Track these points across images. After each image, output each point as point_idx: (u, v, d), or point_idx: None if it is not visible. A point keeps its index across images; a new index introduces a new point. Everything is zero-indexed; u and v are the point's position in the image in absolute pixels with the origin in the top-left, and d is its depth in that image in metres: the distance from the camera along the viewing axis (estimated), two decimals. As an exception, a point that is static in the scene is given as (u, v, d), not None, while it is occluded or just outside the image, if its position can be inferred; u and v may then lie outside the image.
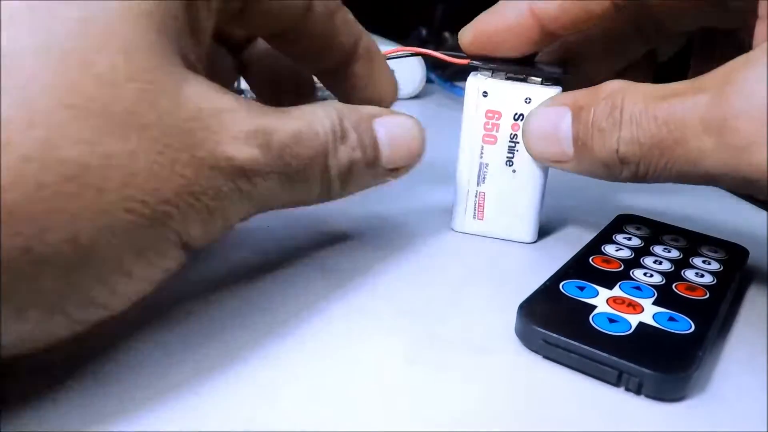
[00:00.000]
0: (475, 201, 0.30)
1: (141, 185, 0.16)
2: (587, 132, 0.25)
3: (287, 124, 0.20)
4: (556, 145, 0.26)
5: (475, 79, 0.29)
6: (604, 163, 0.25)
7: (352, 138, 0.23)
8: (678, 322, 0.23)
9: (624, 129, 0.24)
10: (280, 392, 0.19)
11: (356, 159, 0.23)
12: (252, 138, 0.19)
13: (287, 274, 0.26)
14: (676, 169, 0.23)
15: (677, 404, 0.20)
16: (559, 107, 0.26)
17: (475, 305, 0.25)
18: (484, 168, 0.30)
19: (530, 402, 0.20)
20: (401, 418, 0.19)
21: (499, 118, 0.29)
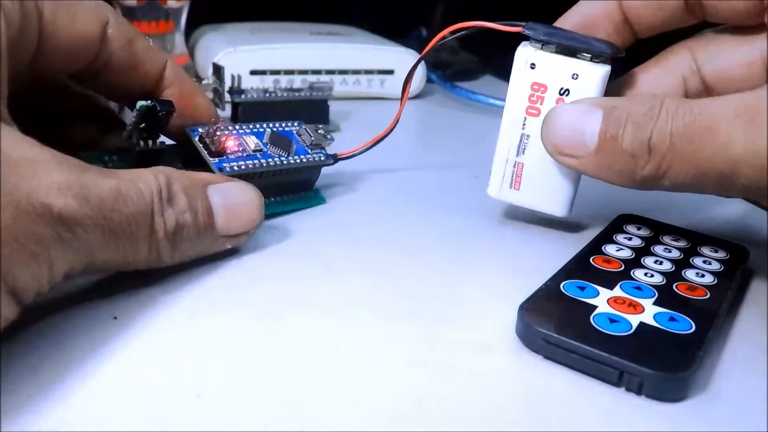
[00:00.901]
0: (513, 171, 0.30)
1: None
2: (619, 125, 0.25)
3: (107, 182, 0.20)
4: (578, 137, 0.26)
5: (525, 49, 0.29)
6: (632, 154, 0.25)
7: (181, 202, 0.23)
8: (678, 322, 0.23)
9: (660, 121, 0.24)
10: (280, 392, 0.19)
11: (186, 222, 0.23)
12: (66, 189, 0.19)
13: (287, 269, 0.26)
14: (701, 158, 0.23)
15: (677, 404, 0.20)
16: (589, 105, 0.27)
17: (475, 305, 0.25)
18: (525, 139, 0.30)
19: (530, 402, 0.20)
20: (401, 418, 0.19)
21: (544, 92, 0.29)
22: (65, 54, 0.24)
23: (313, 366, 0.21)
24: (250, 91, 0.43)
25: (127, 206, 0.21)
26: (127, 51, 0.26)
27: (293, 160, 0.31)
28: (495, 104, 0.53)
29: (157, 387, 0.19)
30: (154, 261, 0.23)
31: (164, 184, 0.22)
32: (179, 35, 0.53)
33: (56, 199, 0.19)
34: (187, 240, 0.23)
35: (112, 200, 0.20)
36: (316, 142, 0.32)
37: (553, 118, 0.28)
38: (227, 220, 0.25)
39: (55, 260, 0.19)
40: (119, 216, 0.20)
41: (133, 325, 0.22)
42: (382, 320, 0.24)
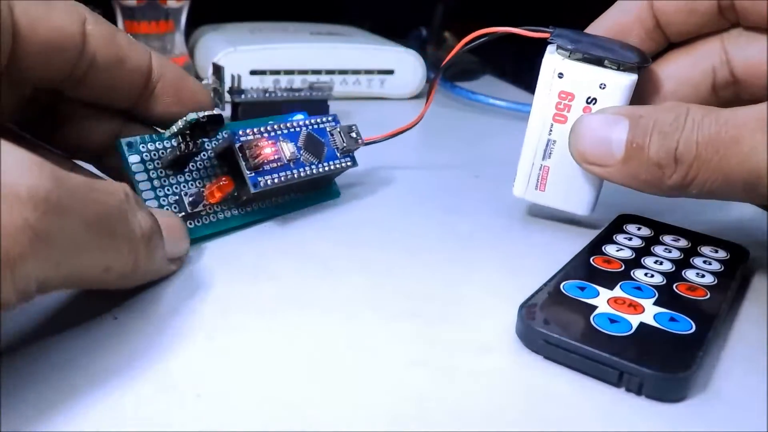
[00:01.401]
0: (539, 174, 0.31)
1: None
2: (645, 135, 0.26)
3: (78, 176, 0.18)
4: (605, 146, 0.27)
5: (552, 57, 0.29)
6: (658, 164, 0.25)
7: (145, 208, 0.22)
8: (679, 323, 0.23)
9: (686, 131, 0.25)
10: (280, 392, 0.19)
11: (155, 229, 0.22)
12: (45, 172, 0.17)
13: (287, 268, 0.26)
14: (727, 167, 0.24)
15: (678, 404, 0.20)
16: (615, 115, 0.27)
17: (475, 305, 0.25)
18: (551, 144, 0.30)
19: (530, 402, 0.20)
20: (401, 418, 0.19)
21: (571, 100, 0.29)
22: (47, 54, 0.23)
23: (313, 366, 0.21)
24: (250, 91, 0.43)
25: (100, 198, 0.19)
26: (111, 47, 0.25)
27: (321, 169, 0.31)
28: (495, 104, 0.53)
29: (157, 387, 0.19)
30: (132, 269, 0.21)
31: (129, 190, 0.21)
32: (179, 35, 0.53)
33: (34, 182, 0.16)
34: (157, 250, 0.22)
35: (88, 191, 0.19)
36: (347, 147, 0.32)
37: (580, 128, 0.28)
38: (169, 240, 0.24)
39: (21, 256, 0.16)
40: (96, 207, 0.19)
41: (134, 325, 0.22)
42: (382, 320, 0.24)
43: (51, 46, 0.23)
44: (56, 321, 0.22)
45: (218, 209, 0.29)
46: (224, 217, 0.29)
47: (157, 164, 0.27)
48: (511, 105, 0.53)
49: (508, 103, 0.53)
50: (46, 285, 0.17)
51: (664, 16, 0.30)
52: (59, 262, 0.17)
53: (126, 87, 0.27)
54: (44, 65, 0.24)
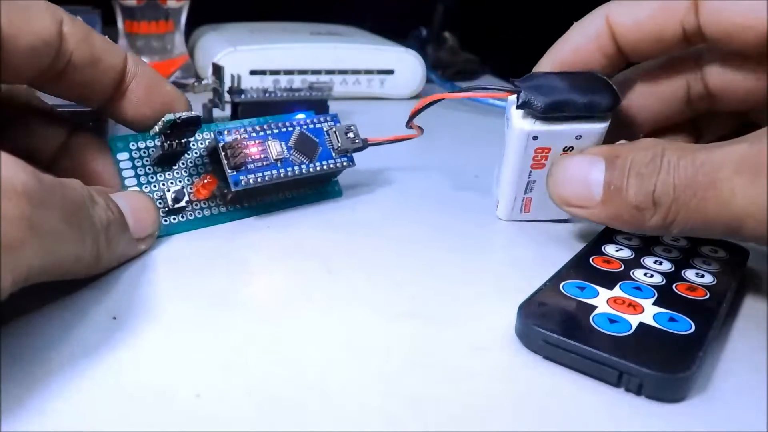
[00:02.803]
0: (522, 203, 0.32)
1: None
2: (622, 177, 0.25)
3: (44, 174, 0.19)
4: (584, 189, 0.26)
5: (524, 122, 0.29)
6: (637, 207, 0.25)
7: (101, 201, 0.23)
8: (678, 323, 0.23)
9: (662, 173, 0.24)
10: (279, 392, 0.19)
11: (112, 219, 0.23)
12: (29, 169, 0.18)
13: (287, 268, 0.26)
14: (706, 211, 0.24)
15: (677, 404, 0.20)
16: (591, 156, 0.27)
17: (475, 305, 0.25)
18: (532, 183, 0.31)
19: (530, 402, 0.20)
20: (402, 418, 0.19)
21: (548, 152, 0.29)
22: (25, 54, 0.24)
23: (312, 366, 0.21)
24: (250, 91, 0.43)
25: (71, 193, 0.20)
26: (87, 46, 0.26)
27: (312, 169, 0.31)
28: (495, 104, 0.53)
29: (157, 387, 0.19)
30: (95, 260, 0.22)
31: (84, 186, 0.22)
32: (179, 35, 0.54)
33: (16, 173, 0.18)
34: (116, 237, 0.23)
35: (58, 186, 0.20)
36: (343, 147, 0.32)
37: (558, 172, 0.28)
38: (135, 222, 0.25)
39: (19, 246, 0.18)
40: (66, 202, 0.20)
41: (133, 325, 0.22)
42: (382, 320, 0.24)
43: (31, 49, 0.24)
44: (55, 321, 0.22)
45: (205, 206, 0.29)
46: (211, 214, 0.30)
47: (146, 161, 0.29)
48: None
49: (508, 103, 0.53)
50: (31, 275, 0.18)
51: (625, 43, 0.29)
52: (47, 252, 0.19)
53: (100, 86, 0.27)
54: (24, 66, 0.24)
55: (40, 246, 0.18)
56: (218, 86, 0.42)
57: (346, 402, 0.19)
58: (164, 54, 0.53)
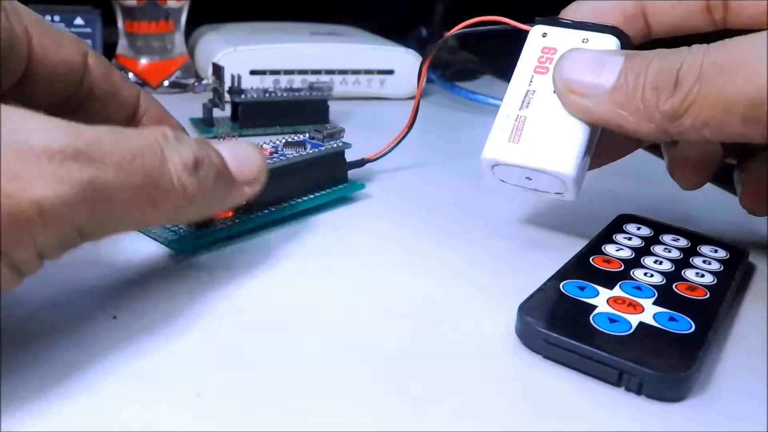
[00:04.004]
0: (515, 125, 0.27)
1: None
2: (643, 63, 0.24)
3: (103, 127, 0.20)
4: (594, 73, 0.25)
5: (537, 25, 0.29)
6: (655, 86, 0.24)
7: (193, 143, 0.22)
8: (678, 322, 0.23)
9: (691, 54, 0.24)
10: (279, 392, 0.20)
11: (203, 157, 0.22)
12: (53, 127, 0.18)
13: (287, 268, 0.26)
14: (731, 88, 0.23)
15: (677, 404, 0.20)
16: (609, 52, 0.26)
17: (475, 305, 0.25)
18: (530, 94, 0.28)
19: (530, 402, 0.20)
20: (401, 418, 0.19)
21: (554, 53, 0.28)
22: (52, 80, 0.26)
23: (312, 365, 0.21)
24: (250, 91, 0.43)
25: (129, 141, 0.20)
26: (108, 80, 0.28)
27: (311, 152, 0.32)
28: (495, 104, 0.53)
29: (157, 387, 0.19)
30: (184, 201, 0.21)
31: (170, 130, 0.22)
32: (179, 35, 0.53)
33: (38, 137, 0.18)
34: (211, 175, 0.22)
35: (111, 137, 0.19)
36: (328, 134, 0.33)
37: (568, 55, 0.27)
38: (239, 164, 0.24)
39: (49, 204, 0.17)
40: (121, 150, 0.19)
41: (133, 324, 0.22)
42: (381, 320, 0.24)
43: (58, 74, 0.26)
44: (55, 320, 0.22)
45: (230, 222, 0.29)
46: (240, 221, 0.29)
47: None
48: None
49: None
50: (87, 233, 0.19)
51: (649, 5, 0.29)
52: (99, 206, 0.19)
53: (116, 117, 0.29)
54: (49, 90, 0.26)
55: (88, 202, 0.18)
56: (218, 86, 0.42)
57: (347, 401, 0.19)
58: (164, 54, 0.53)
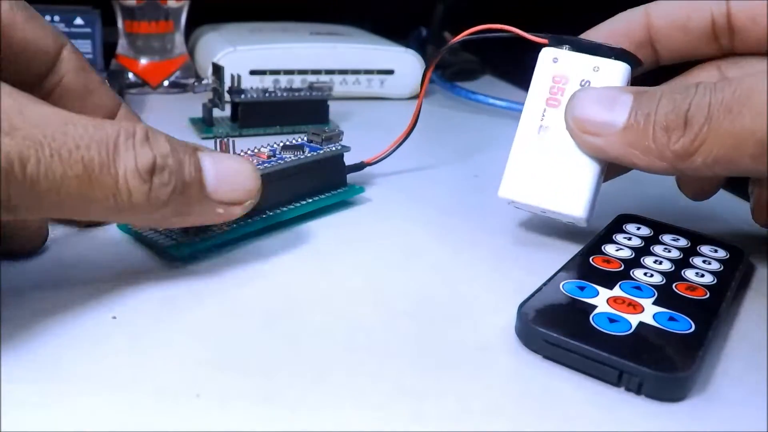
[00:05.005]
0: (529, 166, 0.28)
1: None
2: (652, 101, 0.25)
3: (57, 110, 0.19)
4: (605, 113, 0.26)
5: (548, 49, 0.29)
6: (666, 127, 0.24)
7: (163, 146, 0.21)
8: (678, 322, 0.23)
9: (698, 95, 0.24)
10: (279, 392, 0.20)
11: (166, 165, 0.21)
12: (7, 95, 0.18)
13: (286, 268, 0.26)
14: (740, 126, 0.23)
15: (677, 404, 0.20)
16: (619, 89, 0.26)
17: (475, 305, 0.25)
18: (543, 131, 0.28)
19: (530, 402, 0.20)
20: (402, 418, 0.19)
21: (565, 83, 0.28)
22: (19, 55, 0.25)
23: (312, 365, 0.21)
24: (250, 91, 0.43)
25: (78, 131, 0.19)
26: (81, 78, 0.27)
27: (309, 155, 0.31)
28: (495, 104, 0.53)
29: (157, 387, 0.19)
30: (127, 203, 0.21)
31: (142, 129, 0.21)
32: (179, 35, 0.54)
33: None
34: (168, 186, 0.21)
35: (58, 122, 0.19)
36: (327, 137, 0.32)
37: (580, 94, 0.27)
38: (218, 182, 0.23)
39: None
40: (65, 138, 0.19)
41: (132, 325, 0.22)
42: (381, 320, 0.24)
43: (25, 50, 0.25)
44: (55, 320, 0.22)
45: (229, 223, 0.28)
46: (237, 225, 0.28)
47: None
48: (511, 105, 0.53)
49: (508, 103, 0.53)
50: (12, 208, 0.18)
51: (657, 31, 0.30)
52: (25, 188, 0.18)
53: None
54: (12, 66, 0.25)
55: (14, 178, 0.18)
56: (218, 86, 0.42)
57: (347, 401, 0.19)
58: (164, 54, 0.53)
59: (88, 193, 0.20)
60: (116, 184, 0.20)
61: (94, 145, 0.20)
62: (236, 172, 0.24)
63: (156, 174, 0.21)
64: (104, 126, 0.20)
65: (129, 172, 0.20)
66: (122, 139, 0.20)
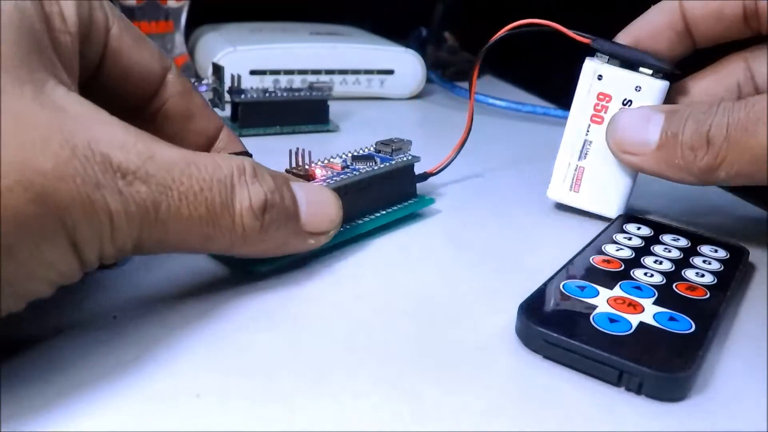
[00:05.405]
0: (574, 174, 0.33)
1: (10, 149, 0.16)
2: (680, 122, 0.28)
3: (180, 151, 0.20)
4: (641, 135, 0.29)
5: (592, 62, 0.32)
6: (691, 147, 0.27)
7: (269, 182, 0.22)
8: (678, 322, 0.23)
9: (718, 116, 0.27)
10: (279, 392, 0.20)
11: (274, 202, 0.22)
12: (130, 146, 0.19)
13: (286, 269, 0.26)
14: (756, 144, 0.26)
15: (677, 404, 0.20)
16: (651, 109, 0.30)
17: (475, 305, 0.25)
18: (587, 145, 0.32)
19: (530, 402, 0.20)
20: (402, 418, 0.19)
21: (609, 101, 0.31)
22: (125, 82, 0.25)
23: (312, 365, 0.21)
24: (250, 91, 0.43)
25: (200, 172, 0.20)
26: (185, 101, 0.27)
27: (382, 166, 0.30)
28: (495, 104, 0.53)
29: (157, 387, 0.19)
30: (241, 240, 0.22)
31: (249, 164, 0.22)
32: (179, 35, 0.53)
33: (116, 153, 0.18)
34: (276, 222, 0.23)
35: (183, 165, 0.20)
36: (396, 147, 0.32)
37: (618, 119, 0.30)
38: (310, 214, 0.24)
39: (117, 215, 0.18)
40: (190, 181, 0.20)
41: (133, 324, 0.22)
42: (381, 319, 0.24)
43: (132, 78, 0.25)
44: (55, 320, 0.22)
45: None
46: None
47: None
48: (511, 105, 0.53)
49: (508, 103, 0.53)
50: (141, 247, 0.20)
51: (693, 20, 0.32)
52: (149, 227, 0.19)
53: (189, 144, 0.28)
54: (121, 93, 0.25)
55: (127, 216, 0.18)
56: (218, 86, 0.42)
57: (346, 401, 0.19)
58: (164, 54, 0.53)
59: (208, 232, 0.21)
60: (233, 222, 0.21)
61: (215, 185, 0.21)
62: (322, 202, 0.25)
63: (267, 211, 0.22)
64: (221, 164, 0.21)
65: (245, 210, 0.21)
66: (236, 178, 0.21)
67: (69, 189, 0.17)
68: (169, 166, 0.19)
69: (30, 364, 0.20)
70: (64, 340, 0.21)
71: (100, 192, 0.18)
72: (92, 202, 0.18)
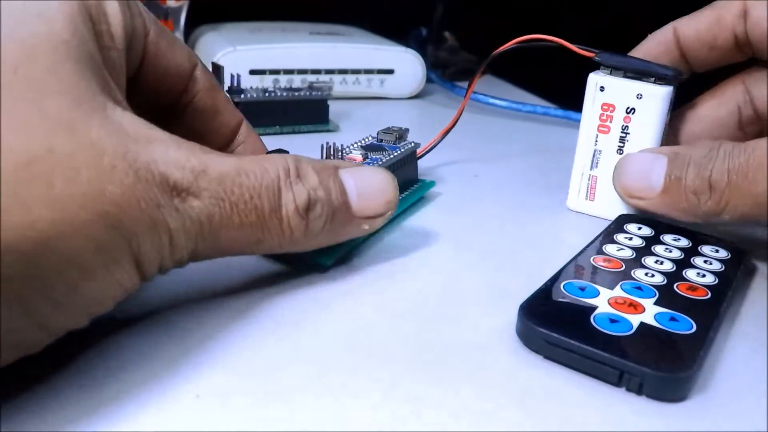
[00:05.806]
0: (588, 183, 0.34)
1: (85, 182, 0.17)
2: (683, 167, 0.28)
3: (229, 161, 0.21)
4: (646, 180, 0.30)
5: (595, 75, 0.33)
6: (694, 192, 0.28)
7: (312, 179, 0.23)
8: (679, 322, 0.23)
9: (718, 161, 0.27)
10: (279, 392, 0.19)
11: (318, 198, 0.23)
12: (184, 162, 0.19)
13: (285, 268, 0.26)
14: (757, 191, 0.26)
15: (678, 404, 0.20)
16: (654, 152, 0.30)
17: (475, 305, 0.25)
18: (597, 154, 0.33)
19: (530, 402, 0.20)
20: (401, 418, 0.19)
21: (613, 111, 0.32)
22: (161, 83, 0.26)
23: (312, 365, 0.21)
24: (250, 91, 0.43)
25: (250, 180, 0.21)
26: (211, 97, 0.28)
27: (397, 153, 0.32)
28: (495, 104, 0.53)
29: (156, 387, 0.19)
30: (288, 240, 0.22)
31: (292, 163, 0.22)
32: (179, 35, 0.54)
33: (173, 171, 0.19)
34: (322, 218, 0.23)
35: (234, 175, 0.21)
36: (399, 135, 0.33)
37: (623, 165, 0.31)
38: (361, 200, 0.24)
39: (175, 232, 0.19)
40: (241, 190, 0.21)
41: (133, 324, 0.22)
42: (381, 319, 0.23)
43: (167, 78, 0.26)
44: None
45: None
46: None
47: None
48: (511, 105, 0.53)
49: (508, 103, 0.53)
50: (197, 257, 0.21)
51: (687, 49, 0.33)
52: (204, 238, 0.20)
53: (212, 138, 0.28)
54: (156, 93, 0.26)
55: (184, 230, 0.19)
56: (218, 86, 0.42)
57: (346, 401, 0.19)
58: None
59: (259, 236, 0.22)
60: (281, 225, 0.22)
61: (264, 192, 0.21)
62: (375, 185, 0.25)
63: (310, 209, 0.23)
64: (269, 168, 0.22)
65: (290, 212, 0.22)
66: (283, 181, 0.22)
67: (135, 213, 0.18)
68: (220, 177, 0.20)
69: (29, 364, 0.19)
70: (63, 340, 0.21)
71: (160, 212, 0.19)
72: (155, 223, 0.19)
